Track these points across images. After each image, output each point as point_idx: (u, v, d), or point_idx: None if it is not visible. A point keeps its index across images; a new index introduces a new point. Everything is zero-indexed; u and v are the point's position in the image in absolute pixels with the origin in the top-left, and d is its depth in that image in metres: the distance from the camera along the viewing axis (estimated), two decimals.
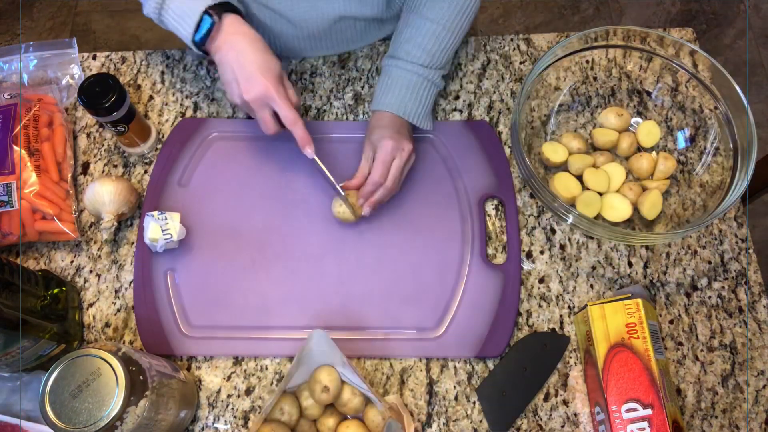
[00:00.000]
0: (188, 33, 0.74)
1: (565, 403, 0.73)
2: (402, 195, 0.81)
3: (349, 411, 0.69)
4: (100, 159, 0.86)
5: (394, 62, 0.79)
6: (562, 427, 0.72)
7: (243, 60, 0.73)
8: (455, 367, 0.74)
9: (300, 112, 0.77)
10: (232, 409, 0.73)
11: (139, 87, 0.90)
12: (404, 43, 0.79)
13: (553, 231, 0.81)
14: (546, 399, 0.73)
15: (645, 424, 0.64)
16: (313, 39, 0.88)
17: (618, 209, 0.78)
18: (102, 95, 0.75)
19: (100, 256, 0.80)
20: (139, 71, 0.91)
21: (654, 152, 0.83)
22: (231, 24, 0.74)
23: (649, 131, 0.82)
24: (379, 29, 0.91)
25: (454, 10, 0.78)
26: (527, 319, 0.76)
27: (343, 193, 0.77)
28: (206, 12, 0.72)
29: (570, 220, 0.73)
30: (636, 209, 0.79)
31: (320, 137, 0.85)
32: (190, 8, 0.73)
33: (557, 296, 0.77)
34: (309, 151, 0.76)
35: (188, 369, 0.75)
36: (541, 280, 0.78)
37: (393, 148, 0.75)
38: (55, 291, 0.73)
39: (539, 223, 0.81)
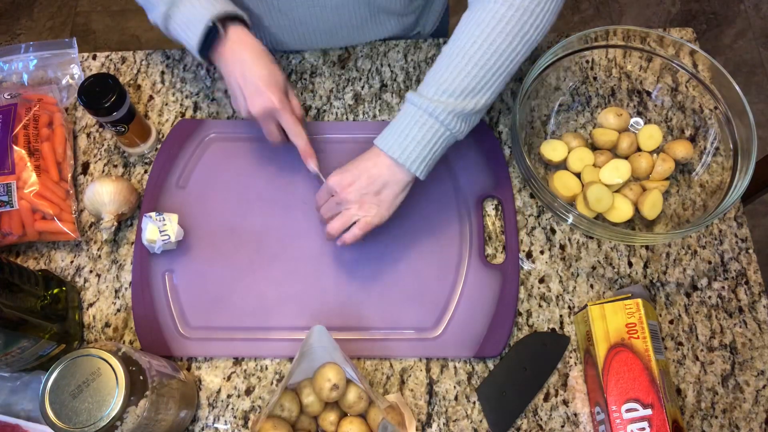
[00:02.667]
0: (194, 43, 0.73)
1: (565, 403, 0.73)
2: None
3: (353, 412, 0.69)
4: (100, 159, 0.86)
5: (408, 96, 0.70)
6: (562, 427, 0.72)
7: (248, 73, 0.73)
8: (455, 367, 0.74)
9: (304, 124, 0.77)
10: (232, 409, 0.73)
11: (139, 87, 0.90)
12: (427, 76, 0.70)
13: (553, 231, 0.81)
14: (546, 399, 0.73)
15: (645, 424, 0.64)
16: (307, 30, 0.87)
17: (619, 209, 0.78)
18: (102, 95, 0.75)
19: (100, 256, 0.80)
20: (139, 71, 0.92)
21: (654, 153, 0.83)
22: (236, 34, 0.74)
23: (650, 135, 0.82)
24: (378, 26, 0.90)
25: (476, 36, 0.66)
26: (527, 319, 0.76)
27: None
28: (212, 22, 0.72)
29: (570, 220, 0.73)
30: (636, 209, 0.79)
31: (320, 137, 0.85)
32: (195, 17, 0.72)
33: (557, 296, 0.77)
34: (311, 165, 0.77)
35: (188, 369, 0.75)
36: (541, 280, 0.78)
37: (331, 188, 0.71)
38: (55, 291, 0.73)
39: (539, 223, 0.81)
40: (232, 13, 0.74)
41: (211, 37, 0.73)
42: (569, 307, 0.77)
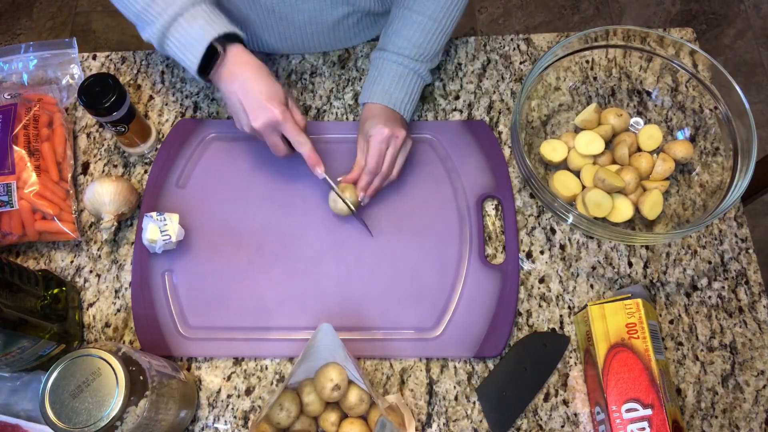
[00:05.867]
0: (193, 63, 0.73)
1: (565, 403, 0.73)
2: (400, 195, 0.81)
3: (354, 414, 0.69)
4: (100, 159, 0.86)
5: (381, 54, 0.81)
6: (562, 427, 0.72)
7: (248, 89, 0.73)
8: (455, 367, 0.74)
9: (306, 133, 0.77)
10: (232, 409, 0.73)
11: (139, 87, 0.90)
12: (392, 36, 0.81)
13: (553, 231, 0.81)
14: (546, 399, 0.73)
15: (645, 424, 0.64)
16: (304, 34, 0.87)
17: (619, 209, 0.78)
18: (102, 95, 0.75)
19: (100, 256, 0.80)
20: (139, 71, 0.91)
21: (654, 153, 0.83)
22: (235, 54, 0.74)
23: (650, 135, 0.82)
24: (372, 25, 0.91)
25: (443, 3, 0.79)
26: (527, 319, 0.76)
27: (357, 217, 0.79)
28: (212, 44, 0.72)
29: (570, 220, 0.73)
30: (636, 209, 0.79)
31: (320, 137, 0.85)
32: (194, 38, 0.72)
33: (557, 296, 0.77)
34: (319, 172, 0.77)
35: (188, 369, 0.75)
36: (541, 280, 0.78)
37: (386, 136, 0.76)
38: (55, 291, 0.73)
39: (539, 223, 0.81)
40: (231, 32, 0.74)
41: (210, 58, 0.73)
42: (569, 307, 0.77)
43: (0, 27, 2.01)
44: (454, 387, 0.73)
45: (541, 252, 0.80)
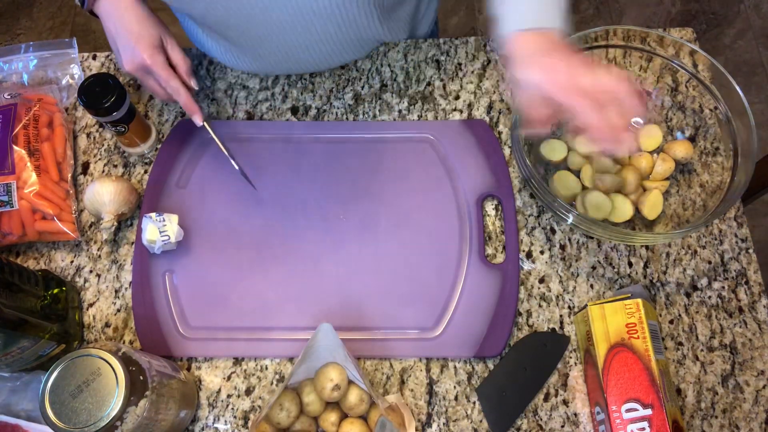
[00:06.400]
0: None
1: (565, 403, 0.73)
2: (400, 195, 0.81)
3: (354, 414, 0.69)
4: (100, 159, 0.86)
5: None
6: (562, 427, 0.72)
7: (119, 28, 0.72)
8: (455, 367, 0.74)
9: (191, 75, 0.74)
10: (232, 409, 0.73)
11: (139, 87, 0.90)
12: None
13: (553, 231, 0.81)
14: (546, 399, 0.73)
15: (645, 424, 0.64)
16: (300, 55, 0.83)
17: (619, 209, 0.78)
18: (102, 95, 0.75)
19: (100, 256, 0.80)
20: None
21: (654, 153, 0.83)
22: None
23: (650, 135, 0.82)
24: (368, 44, 0.86)
25: None
26: (527, 319, 0.76)
27: (237, 167, 0.79)
28: None
29: (570, 220, 0.73)
30: (636, 209, 0.79)
31: (320, 137, 0.85)
32: None
33: (557, 296, 0.77)
34: (197, 119, 0.76)
35: (188, 369, 0.75)
36: (541, 280, 0.78)
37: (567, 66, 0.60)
38: (55, 291, 0.73)
39: (539, 223, 0.81)
40: None
41: None
42: (569, 307, 0.77)
43: (0, 27, 2.01)
44: (454, 387, 0.73)
45: (541, 252, 0.80)
